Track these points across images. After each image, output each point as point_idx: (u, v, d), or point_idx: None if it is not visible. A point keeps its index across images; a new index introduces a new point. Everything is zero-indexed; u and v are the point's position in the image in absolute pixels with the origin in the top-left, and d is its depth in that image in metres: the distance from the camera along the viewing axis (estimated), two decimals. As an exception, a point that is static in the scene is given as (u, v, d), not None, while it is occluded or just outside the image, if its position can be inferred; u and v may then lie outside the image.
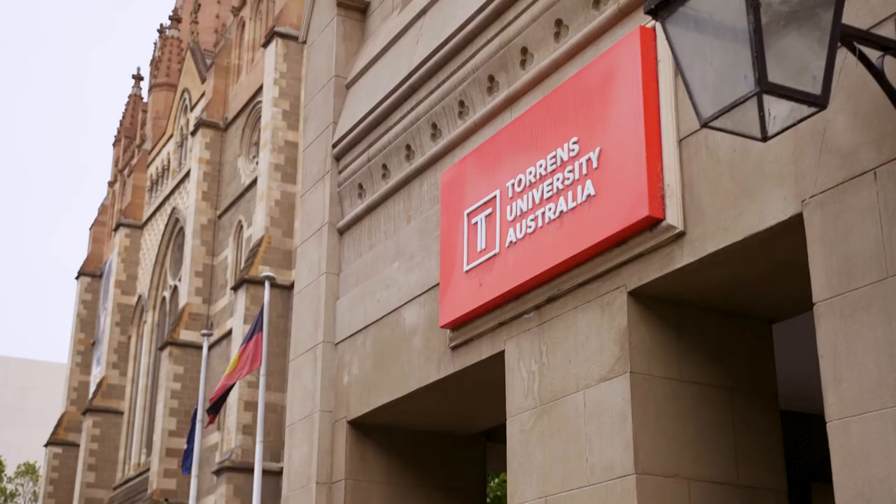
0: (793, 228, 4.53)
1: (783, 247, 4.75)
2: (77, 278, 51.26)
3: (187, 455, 20.09)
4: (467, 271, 6.58)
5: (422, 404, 7.47)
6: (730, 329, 5.55)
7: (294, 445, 8.33)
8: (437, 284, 7.00)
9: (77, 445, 45.41)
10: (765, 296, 5.41)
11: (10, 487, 51.19)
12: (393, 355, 7.48)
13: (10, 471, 51.99)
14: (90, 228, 53.23)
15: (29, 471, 52.40)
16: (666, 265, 5.16)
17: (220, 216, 39.18)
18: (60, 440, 47.04)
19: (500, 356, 6.37)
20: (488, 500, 19.17)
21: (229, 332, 34.49)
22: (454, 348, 6.78)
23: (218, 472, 31.72)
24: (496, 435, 8.24)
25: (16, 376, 70.96)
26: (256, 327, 17.82)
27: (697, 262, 5.02)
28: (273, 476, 29.55)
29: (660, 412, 5.24)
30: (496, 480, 20.71)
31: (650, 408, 5.23)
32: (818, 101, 3.52)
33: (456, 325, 6.69)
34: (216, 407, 17.61)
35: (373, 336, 7.78)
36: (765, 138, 3.65)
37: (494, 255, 6.33)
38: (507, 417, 6.14)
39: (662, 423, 5.23)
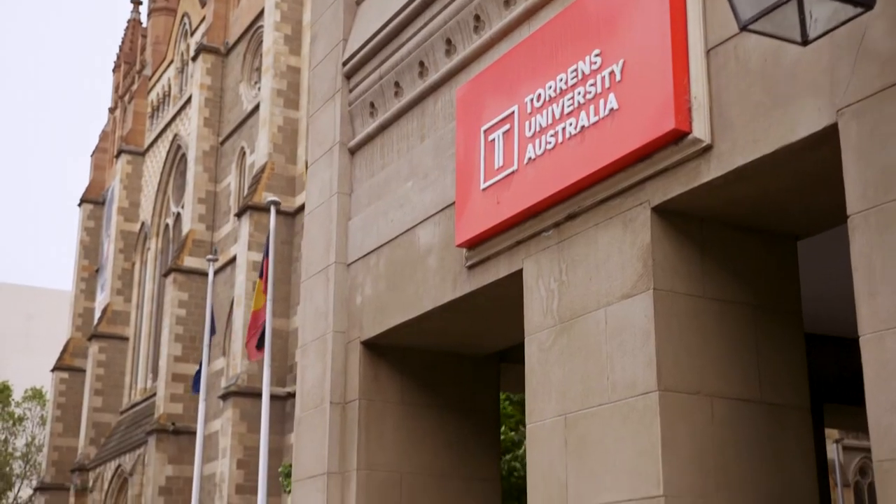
0: (826, 140, 4.40)
1: (814, 159, 4.63)
2: (80, 205, 51.20)
3: (197, 378, 20.18)
4: (484, 189, 6.47)
5: (436, 325, 7.42)
6: (754, 246, 5.46)
7: (307, 366, 8.30)
8: (453, 203, 6.89)
9: (83, 371, 45.80)
10: (791, 212, 5.31)
11: (18, 412, 51.74)
12: (407, 275, 7.40)
13: (17, 395, 52.48)
14: (91, 155, 53.02)
15: (36, 396, 52.93)
16: (692, 180, 5.05)
17: (222, 143, 38.94)
18: (67, 366, 47.44)
19: (517, 275, 6.29)
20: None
21: (233, 259, 34.52)
22: (470, 267, 6.70)
23: (224, 397, 31.98)
24: (510, 356, 8.21)
25: (21, 304, 71.31)
26: (266, 255, 17.78)
27: (724, 176, 4.91)
28: (279, 400, 29.81)
29: (683, 329, 5.18)
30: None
31: (673, 325, 5.16)
32: (865, 1, 3.38)
33: (472, 244, 6.60)
34: (261, 341, 17.75)
35: (386, 256, 7.69)
36: (805, 42, 3.52)
37: (512, 172, 6.21)
38: (526, 336, 6.09)
39: (685, 340, 5.17)
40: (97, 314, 46.42)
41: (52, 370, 48.37)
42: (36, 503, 47.31)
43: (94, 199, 50.63)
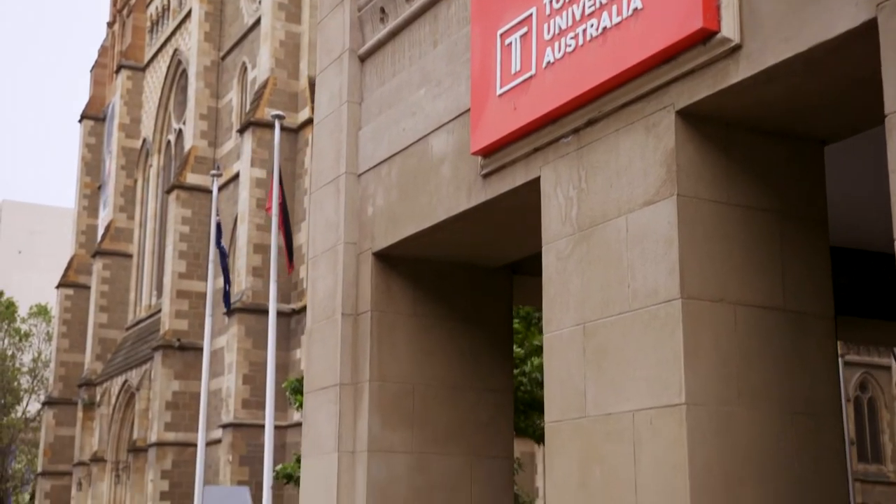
0: (863, 37, 4.23)
1: (849, 58, 4.46)
2: (80, 122, 50.76)
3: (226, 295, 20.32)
4: (500, 95, 6.30)
5: (449, 235, 7.32)
6: (781, 151, 5.32)
7: (318, 277, 8.22)
8: (467, 110, 6.73)
9: (88, 287, 45.94)
10: (821, 115, 5.16)
11: (24, 328, 52.07)
12: (420, 185, 7.27)
13: (23, 311, 52.77)
14: (91, 71, 52.39)
15: (41, 312, 53.20)
16: (719, 82, 4.89)
17: (223, 58, 38.42)
18: (71, 282, 47.57)
19: (534, 183, 6.16)
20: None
21: (236, 176, 34.33)
22: (485, 176, 6.57)
23: (229, 314, 32.08)
24: (524, 267, 8.13)
25: (24, 221, 71.32)
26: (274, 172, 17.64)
27: (753, 77, 4.75)
28: (284, 317, 29.93)
29: (707, 236, 5.07)
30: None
31: (697, 231, 5.05)
32: None
33: (488, 152, 6.46)
34: (290, 255, 17.99)
35: (398, 166, 7.55)
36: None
37: (530, 76, 6.04)
38: (543, 245, 5.98)
39: (709, 247, 5.06)
40: (100, 231, 46.37)
41: (57, 287, 48.52)
42: (44, 417, 47.91)
43: (94, 115, 50.17)
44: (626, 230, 5.33)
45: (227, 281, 19.88)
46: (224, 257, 19.28)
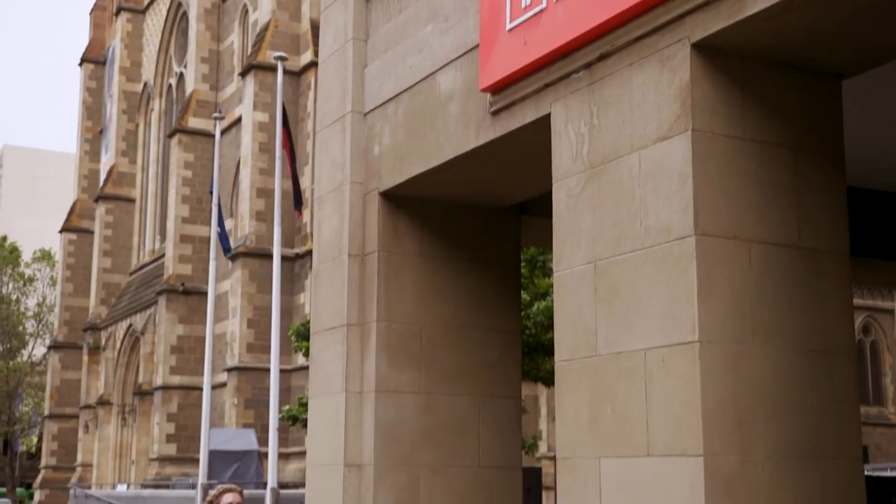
0: (888, -36, 4.12)
1: (871, -12, 4.35)
2: (80, 65, 50.36)
3: (222, 239, 20.18)
4: (510, 30, 6.17)
5: (457, 174, 7.23)
6: (797, 85, 5.21)
7: (323, 218, 8.15)
8: (476, 46, 6.60)
9: (91, 232, 45.93)
10: (838, 47, 5.04)
11: (28, 272, 52.13)
12: (427, 123, 7.17)
13: (26, 256, 52.80)
14: (90, 13, 51.84)
15: (45, 257, 53.22)
16: (735, 13, 4.77)
17: (223, 0, 37.99)
18: (74, 227, 47.55)
19: (544, 120, 6.06)
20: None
21: (238, 120, 34.11)
22: (494, 113, 6.47)
23: (233, 258, 32.10)
24: (532, 208, 8.05)
25: (26, 165, 71.14)
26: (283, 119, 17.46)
27: (770, 8, 4.63)
28: (287, 261, 29.89)
29: (721, 171, 4.98)
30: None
31: (711, 167, 4.97)
32: None
33: (497, 89, 6.35)
34: (299, 200, 17.79)
35: (405, 104, 7.44)
36: None
37: (541, 10, 5.91)
38: (553, 183, 5.89)
39: (724, 183, 4.98)
40: (102, 176, 46.23)
41: (60, 231, 48.51)
42: (50, 361, 48.18)
43: (94, 58, 49.74)
44: (638, 166, 5.24)
45: (220, 224, 19.76)
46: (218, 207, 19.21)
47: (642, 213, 5.18)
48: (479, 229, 7.98)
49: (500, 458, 7.86)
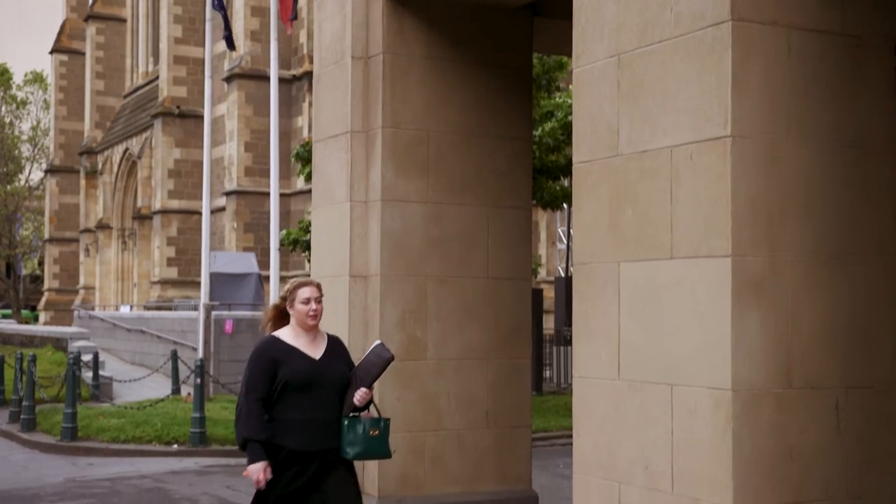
0: None
1: None
2: None
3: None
4: None
5: (467, -32, 6.76)
6: None
7: (324, 18, 7.70)
8: None
9: (82, 54, 44.91)
10: None
11: (20, 95, 51.21)
12: (435, -89, 6.65)
13: (17, 79, 51.76)
14: None
15: (37, 79, 52.12)
16: None
17: None
18: (65, 48, 46.47)
19: None
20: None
21: (231, -64, 32.74)
22: None
23: (228, 80, 31.42)
24: (545, 8, 7.61)
25: (11, -15, 68.93)
26: None
27: None
28: (284, 83, 29.21)
29: (762, -49, 4.55)
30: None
31: (751, -54, 4.53)
32: None
33: None
34: (293, 13, 16.64)
35: None
36: None
37: None
38: (574, -30, 5.45)
39: (764, -36, 4.55)
40: (91, -6, 44.86)
41: (51, 52, 47.42)
42: (47, 185, 47.97)
43: None
44: (669, -52, 4.80)
45: (227, 27, 18.96)
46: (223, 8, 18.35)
47: (673, -2, 4.78)
48: (489, 31, 7.55)
49: (509, 269, 7.68)
